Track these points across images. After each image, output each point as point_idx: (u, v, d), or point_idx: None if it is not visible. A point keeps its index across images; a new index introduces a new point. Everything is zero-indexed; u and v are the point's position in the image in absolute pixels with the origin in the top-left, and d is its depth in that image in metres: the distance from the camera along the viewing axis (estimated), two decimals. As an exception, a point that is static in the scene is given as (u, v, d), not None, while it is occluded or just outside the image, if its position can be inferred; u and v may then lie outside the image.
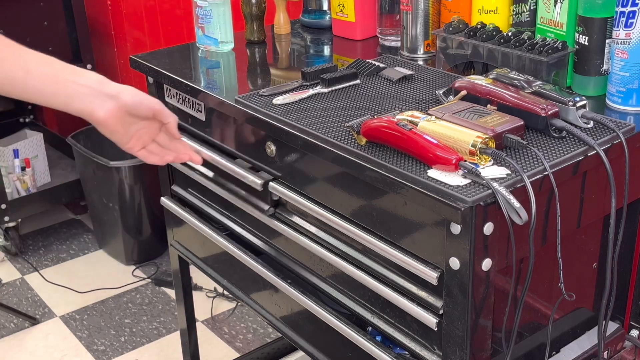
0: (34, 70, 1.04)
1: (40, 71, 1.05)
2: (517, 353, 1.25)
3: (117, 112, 1.08)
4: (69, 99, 1.05)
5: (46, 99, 1.06)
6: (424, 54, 1.58)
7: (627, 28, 1.20)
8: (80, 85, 1.06)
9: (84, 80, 1.07)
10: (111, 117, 1.08)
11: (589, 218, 1.21)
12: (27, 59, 1.04)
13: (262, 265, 1.49)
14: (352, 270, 1.25)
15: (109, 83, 1.09)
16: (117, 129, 1.10)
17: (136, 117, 1.12)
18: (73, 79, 1.06)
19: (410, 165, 1.07)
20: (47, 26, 2.88)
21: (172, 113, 1.16)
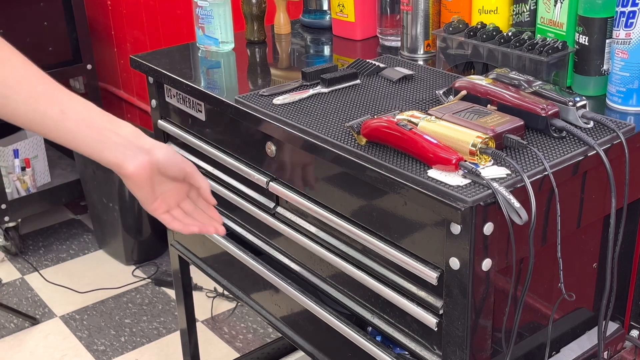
0: (70, 111, 0.99)
1: (77, 113, 1.00)
2: (517, 353, 1.25)
3: (147, 168, 1.03)
4: (101, 146, 1.01)
5: (77, 143, 1.01)
6: (424, 54, 1.58)
7: (627, 28, 1.20)
8: (115, 134, 1.02)
9: (119, 130, 1.03)
10: (141, 172, 1.03)
11: (589, 218, 1.21)
12: (64, 99, 1.00)
13: (262, 265, 1.49)
14: (352, 270, 1.25)
15: (144, 137, 1.05)
16: (144, 186, 1.05)
17: (166, 177, 1.07)
18: (109, 126, 1.02)
19: (410, 165, 1.07)
20: (47, 26, 2.88)
21: (204, 177, 1.11)
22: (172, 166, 1.07)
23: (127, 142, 1.02)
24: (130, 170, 1.02)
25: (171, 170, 1.07)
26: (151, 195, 1.07)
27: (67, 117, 0.99)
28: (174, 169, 1.07)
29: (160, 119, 1.71)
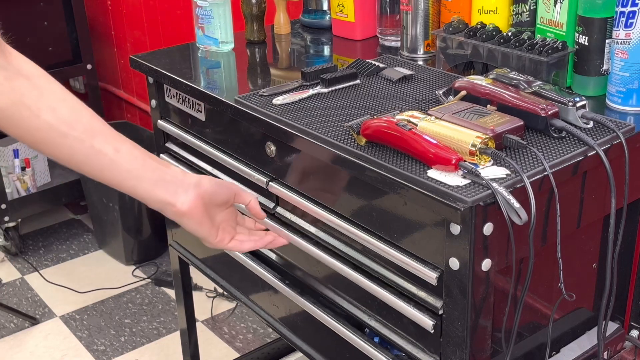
0: (124, 150, 1.00)
1: (130, 152, 1.01)
2: (516, 353, 1.25)
3: (200, 202, 1.04)
4: (155, 185, 1.01)
5: (129, 182, 1.01)
6: (424, 54, 1.58)
7: (627, 28, 1.20)
8: (166, 173, 1.03)
9: (169, 169, 1.04)
10: (195, 207, 1.04)
11: (589, 218, 1.21)
12: (117, 138, 1.01)
13: (260, 266, 1.49)
14: (347, 272, 1.25)
15: (190, 174, 1.07)
16: (203, 220, 1.06)
17: (217, 206, 1.08)
18: (160, 166, 1.03)
19: (410, 166, 1.07)
20: (47, 26, 2.88)
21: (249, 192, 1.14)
22: (221, 189, 1.08)
23: (177, 180, 1.04)
24: (185, 207, 1.03)
25: (221, 195, 1.08)
26: (212, 228, 1.08)
27: (121, 155, 1.00)
28: (224, 192, 1.09)
29: (160, 119, 1.71)
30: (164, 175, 1.03)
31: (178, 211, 1.04)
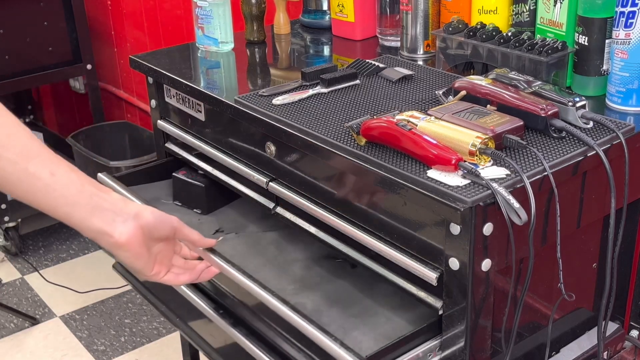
0: (60, 174, 0.93)
1: (66, 176, 0.94)
2: (516, 353, 1.25)
3: (139, 233, 0.98)
4: (91, 212, 0.95)
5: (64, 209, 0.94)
6: (424, 54, 1.58)
7: (627, 28, 1.20)
8: (104, 200, 0.96)
9: (107, 195, 0.97)
10: (133, 238, 0.97)
11: (589, 218, 1.21)
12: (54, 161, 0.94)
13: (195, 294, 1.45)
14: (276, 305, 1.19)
15: (130, 202, 1.00)
16: (141, 253, 1.00)
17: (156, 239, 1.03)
18: (97, 191, 0.97)
19: (409, 166, 1.07)
20: (47, 26, 2.88)
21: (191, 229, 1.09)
22: (162, 224, 1.02)
23: (116, 209, 0.97)
24: (123, 238, 0.96)
25: (162, 230, 1.03)
26: (149, 261, 1.03)
27: (57, 180, 0.93)
28: (165, 227, 1.03)
29: (159, 119, 1.71)
30: (101, 203, 0.96)
31: (115, 242, 0.97)
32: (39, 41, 2.85)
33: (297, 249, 1.44)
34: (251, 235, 1.50)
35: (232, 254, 1.40)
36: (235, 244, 1.47)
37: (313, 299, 1.29)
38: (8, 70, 2.78)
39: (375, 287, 1.30)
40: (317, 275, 1.36)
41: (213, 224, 1.56)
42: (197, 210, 1.61)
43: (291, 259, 1.41)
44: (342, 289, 1.31)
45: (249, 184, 1.46)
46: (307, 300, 1.28)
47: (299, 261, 1.40)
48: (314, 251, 1.42)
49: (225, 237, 1.48)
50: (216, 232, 1.51)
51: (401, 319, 1.23)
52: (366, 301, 1.28)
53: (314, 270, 1.37)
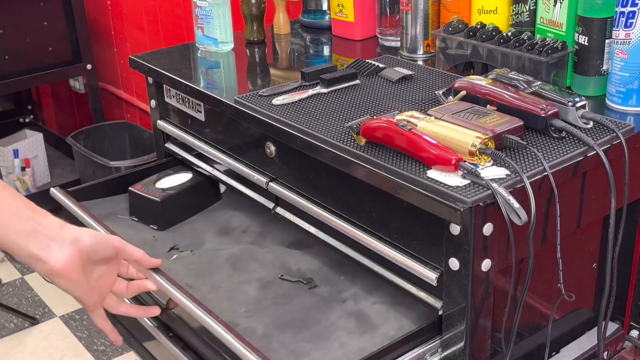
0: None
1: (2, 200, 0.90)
2: (516, 353, 1.25)
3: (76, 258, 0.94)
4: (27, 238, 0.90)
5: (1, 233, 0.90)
6: (424, 54, 1.58)
7: (626, 28, 1.20)
8: (40, 224, 0.92)
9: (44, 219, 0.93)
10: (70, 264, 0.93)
11: (589, 218, 1.21)
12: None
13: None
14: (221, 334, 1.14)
15: (68, 226, 0.96)
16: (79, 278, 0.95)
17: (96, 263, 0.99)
18: (34, 216, 0.92)
19: (409, 166, 1.07)
20: (47, 26, 2.88)
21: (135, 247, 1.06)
22: (102, 246, 0.99)
23: (52, 234, 0.93)
24: (59, 265, 0.92)
25: (101, 252, 0.99)
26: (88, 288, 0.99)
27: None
28: (104, 250, 1.00)
29: (159, 119, 1.71)
30: (37, 227, 0.92)
31: (51, 269, 0.93)
32: (39, 41, 2.86)
33: (253, 268, 1.38)
34: (207, 253, 1.44)
35: (185, 274, 1.37)
36: (189, 263, 1.41)
37: (264, 322, 1.23)
38: (8, 70, 2.78)
39: (332, 309, 1.26)
40: (271, 297, 1.30)
41: (168, 240, 1.50)
42: (153, 226, 1.54)
43: (246, 279, 1.35)
44: (297, 311, 1.26)
45: (249, 184, 1.46)
46: (258, 324, 1.23)
47: (254, 281, 1.34)
48: (270, 271, 1.37)
49: (179, 255, 1.43)
50: (171, 250, 1.45)
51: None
52: (320, 325, 1.22)
53: (269, 291, 1.31)
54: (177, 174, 1.64)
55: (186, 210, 1.58)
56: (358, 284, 1.32)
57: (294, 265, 1.39)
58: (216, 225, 1.55)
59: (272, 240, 1.48)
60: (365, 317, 1.23)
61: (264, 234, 1.51)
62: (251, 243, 1.48)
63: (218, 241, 1.50)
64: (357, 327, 1.21)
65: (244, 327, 1.23)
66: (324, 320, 1.24)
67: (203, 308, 1.16)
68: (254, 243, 1.48)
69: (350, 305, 1.27)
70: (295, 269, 1.38)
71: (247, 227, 1.53)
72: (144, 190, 1.57)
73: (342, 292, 1.30)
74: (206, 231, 1.53)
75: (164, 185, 1.59)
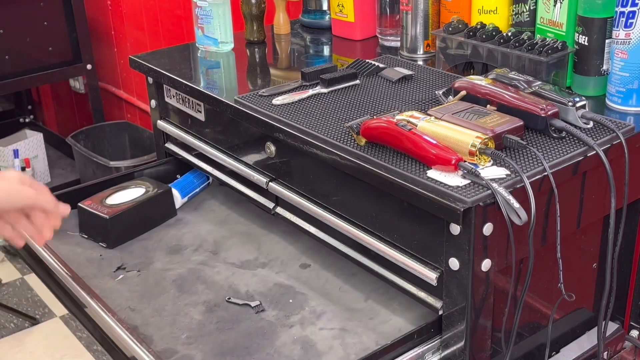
0: None
1: None
2: (516, 353, 1.25)
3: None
4: None
5: None
6: (424, 54, 1.58)
7: (627, 28, 1.20)
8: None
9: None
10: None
11: (589, 218, 1.21)
12: None
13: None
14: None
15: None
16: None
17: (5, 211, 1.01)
18: None
19: (409, 166, 1.07)
20: (47, 26, 2.88)
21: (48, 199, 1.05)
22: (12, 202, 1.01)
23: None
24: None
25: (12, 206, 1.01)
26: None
27: None
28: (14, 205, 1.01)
29: (159, 119, 1.71)
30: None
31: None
32: (39, 41, 2.85)
33: (200, 290, 1.34)
34: (154, 273, 1.40)
35: (129, 296, 1.33)
36: (135, 284, 1.37)
37: (205, 349, 1.18)
38: (8, 70, 2.78)
39: (278, 334, 1.21)
40: (216, 321, 1.25)
41: (115, 260, 1.45)
42: (102, 243, 1.49)
43: (192, 302, 1.31)
44: (240, 337, 1.21)
45: (249, 184, 1.46)
46: (198, 352, 1.18)
47: (199, 304, 1.30)
48: (218, 293, 1.32)
49: (125, 276, 1.39)
50: (118, 270, 1.41)
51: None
52: (264, 352, 1.17)
53: (214, 315, 1.26)
54: (131, 189, 1.58)
55: (137, 227, 1.52)
56: (306, 308, 1.28)
57: (243, 288, 1.34)
58: (168, 243, 1.50)
59: (224, 260, 1.43)
60: (310, 344, 1.19)
61: (216, 251, 1.45)
62: (201, 263, 1.42)
63: (167, 260, 1.44)
64: (301, 356, 1.17)
65: (182, 355, 1.18)
66: (267, 347, 1.19)
67: (136, 337, 1.14)
68: (203, 263, 1.42)
69: (297, 330, 1.22)
70: (244, 291, 1.33)
71: (200, 245, 1.48)
72: (92, 206, 1.50)
73: (289, 316, 1.26)
74: (156, 249, 1.48)
75: (115, 201, 1.53)
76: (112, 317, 1.20)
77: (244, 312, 1.27)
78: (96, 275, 1.40)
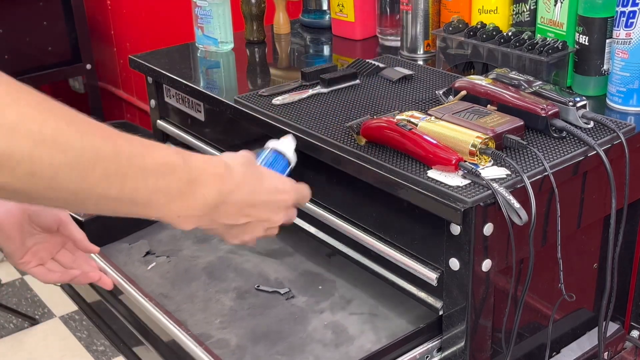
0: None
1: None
2: (517, 354, 1.25)
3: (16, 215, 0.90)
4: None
5: None
6: (424, 54, 1.57)
7: (627, 28, 1.20)
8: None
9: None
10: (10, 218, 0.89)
11: (589, 218, 1.20)
12: None
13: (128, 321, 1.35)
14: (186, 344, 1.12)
15: None
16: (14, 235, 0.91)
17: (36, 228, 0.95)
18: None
19: (409, 166, 1.07)
20: (47, 26, 2.88)
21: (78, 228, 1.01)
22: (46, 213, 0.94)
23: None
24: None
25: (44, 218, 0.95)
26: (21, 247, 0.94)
27: None
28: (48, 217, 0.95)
29: (159, 119, 1.70)
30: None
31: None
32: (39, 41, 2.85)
33: (231, 277, 1.36)
34: (184, 260, 1.42)
35: (161, 283, 1.35)
36: (165, 271, 1.40)
37: (239, 333, 1.21)
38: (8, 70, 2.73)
39: (309, 320, 1.23)
40: (247, 307, 1.28)
41: (144, 247, 1.47)
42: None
43: (223, 289, 1.33)
44: (272, 322, 1.23)
45: (249, 184, 1.45)
46: (232, 336, 1.21)
47: (230, 291, 1.32)
48: (247, 280, 1.35)
49: (156, 262, 1.41)
50: (147, 255, 1.42)
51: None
52: (296, 337, 1.20)
53: (246, 301, 1.29)
54: None
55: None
56: (336, 294, 1.30)
57: (272, 275, 1.36)
58: (193, 233, 1.49)
59: (251, 249, 1.44)
60: (341, 328, 1.21)
61: None
62: (229, 251, 1.44)
63: (196, 248, 1.46)
64: (333, 340, 1.19)
65: (217, 339, 1.20)
66: (299, 332, 1.21)
67: (174, 321, 1.14)
68: (231, 251, 1.44)
69: (327, 316, 1.24)
70: (273, 278, 1.35)
71: None
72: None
73: (319, 302, 1.28)
74: (184, 238, 1.49)
75: None
76: (150, 302, 1.20)
77: (274, 298, 1.30)
78: (126, 263, 1.43)
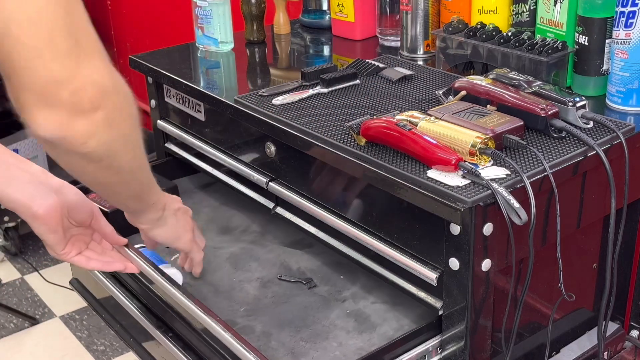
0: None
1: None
2: (517, 353, 1.25)
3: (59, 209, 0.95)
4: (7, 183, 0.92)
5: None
6: (424, 54, 1.58)
7: (627, 28, 1.20)
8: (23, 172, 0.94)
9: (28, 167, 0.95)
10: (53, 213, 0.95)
11: (589, 218, 1.21)
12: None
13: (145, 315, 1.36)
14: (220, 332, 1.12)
15: (52, 176, 0.98)
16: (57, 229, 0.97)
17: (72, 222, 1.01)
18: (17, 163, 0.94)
19: (409, 166, 1.07)
20: (47, 26, 2.87)
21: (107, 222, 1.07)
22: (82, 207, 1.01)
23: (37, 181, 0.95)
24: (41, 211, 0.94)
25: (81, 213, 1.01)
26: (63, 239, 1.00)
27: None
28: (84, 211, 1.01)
29: (159, 119, 1.71)
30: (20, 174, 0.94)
31: (34, 214, 0.95)
32: (39, 41, 2.85)
33: (254, 267, 1.40)
34: (207, 251, 1.41)
35: (185, 273, 1.37)
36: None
37: (263, 321, 1.25)
38: (8, 70, 2.77)
39: (331, 308, 1.27)
40: (271, 296, 1.31)
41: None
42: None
43: (246, 278, 1.37)
44: (296, 310, 1.27)
45: (249, 184, 1.46)
46: (257, 323, 1.24)
47: (253, 280, 1.36)
48: (270, 270, 1.38)
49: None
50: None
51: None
52: (319, 324, 1.23)
53: (269, 290, 1.33)
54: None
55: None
56: (357, 283, 1.33)
57: (294, 265, 1.40)
58: (217, 224, 1.55)
59: (273, 240, 1.48)
60: (364, 316, 1.24)
61: (264, 233, 1.51)
62: (251, 242, 1.48)
63: (219, 240, 1.50)
64: (355, 327, 1.22)
65: (243, 326, 1.23)
66: (323, 319, 1.25)
67: (202, 307, 1.16)
68: (254, 242, 1.48)
69: (350, 304, 1.27)
70: (295, 268, 1.39)
71: (248, 227, 1.54)
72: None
73: (341, 291, 1.31)
74: (206, 230, 1.52)
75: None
76: (179, 290, 1.21)
77: (296, 287, 1.34)
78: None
